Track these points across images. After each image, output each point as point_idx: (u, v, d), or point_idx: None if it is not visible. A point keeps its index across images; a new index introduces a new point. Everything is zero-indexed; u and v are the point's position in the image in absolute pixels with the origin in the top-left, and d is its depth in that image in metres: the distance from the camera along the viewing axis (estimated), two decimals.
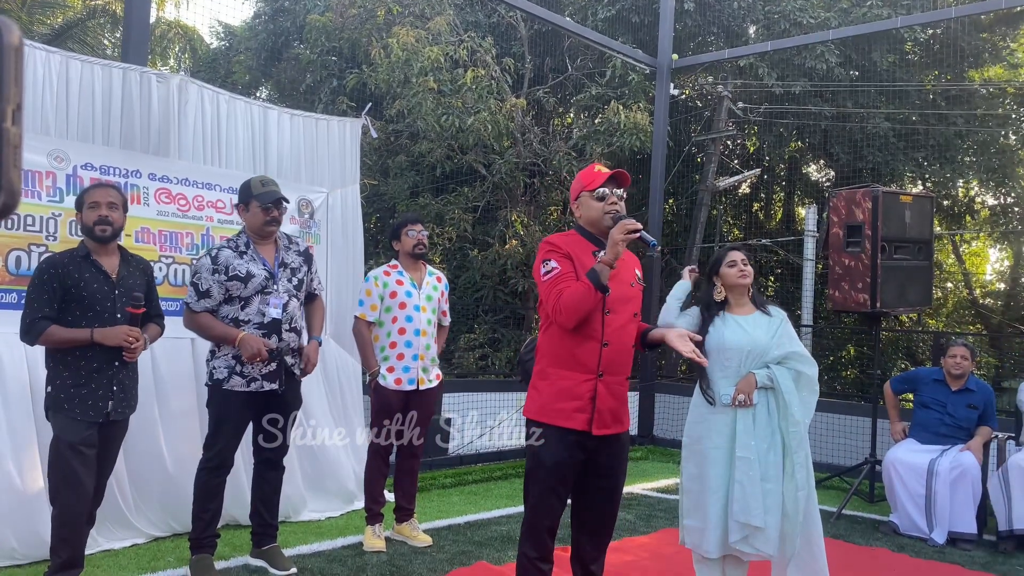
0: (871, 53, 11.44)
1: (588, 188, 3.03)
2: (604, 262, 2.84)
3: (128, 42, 4.96)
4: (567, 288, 2.87)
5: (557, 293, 2.89)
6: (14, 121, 0.53)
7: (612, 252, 2.84)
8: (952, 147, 12.42)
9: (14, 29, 0.53)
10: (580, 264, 2.95)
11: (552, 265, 2.95)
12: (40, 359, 4.06)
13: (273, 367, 3.86)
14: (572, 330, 2.91)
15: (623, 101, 10.69)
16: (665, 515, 5.57)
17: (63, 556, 3.28)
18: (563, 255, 2.96)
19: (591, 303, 2.85)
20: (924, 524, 5.20)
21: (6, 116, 0.52)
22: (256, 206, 3.89)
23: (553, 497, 2.98)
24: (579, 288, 2.84)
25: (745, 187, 14.76)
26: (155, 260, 4.57)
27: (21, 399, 4.02)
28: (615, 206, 3.00)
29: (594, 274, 2.83)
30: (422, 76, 9.74)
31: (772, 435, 3.38)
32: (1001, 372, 12.77)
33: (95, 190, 3.46)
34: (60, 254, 3.41)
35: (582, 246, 3.02)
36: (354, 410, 5.62)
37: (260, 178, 4.00)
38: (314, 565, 4.10)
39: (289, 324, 3.93)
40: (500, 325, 11.81)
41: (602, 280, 2.83)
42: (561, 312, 2.87)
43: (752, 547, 3.34)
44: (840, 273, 6.02)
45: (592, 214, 3.02)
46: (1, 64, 0.52)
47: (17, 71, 0.53)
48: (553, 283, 2.92)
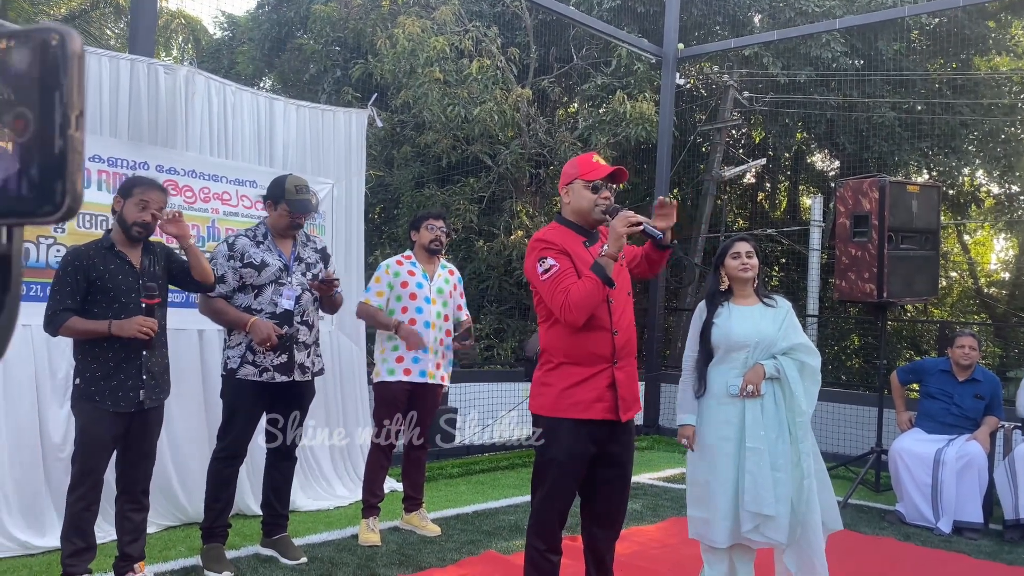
0: (876, 42, 11.41)
1: (584, 177, 2.99)
2: (608, 255, 2.83)
3: (135, 33, 4.96)
4: (573, 286, 2.84)
5: (563, 292, 2.85)
6: (78, 127, 0.54)
7: (616, 245, 2.83)
8: (957, 136, 12.39)
9: (77, 37, 0.54)
10: (576, 258, 2.92)
11: (550, 263, 2.90)
12: (47, 350, 4.14)
13: (284, 359, 3.88)
14: (583, 324, 2.90)
15: (628, 91, 10.67)
16: (672, 504, 5.59)
17: (77, 544, 3.31)
18: (559, 251, 2.92)
19: (599, 298, 2.84)
20: (930, 513, 5.22)
21: (71, 123, 0.54)
22: (285, 209, 3.92)
23: (565, 490, 2.98)
24: (586, 285, 2.81)
25: (750, 177, 14.76)
26: None
27: (27, 390, 4.08)
28: (607, 200, 2.98)
29: (599, 268, 2.81)
30: (427, 66, 9.73)
31: (780, 425, 3.40)
32: (1006, 361, 12.77)
33: (151, 190, 3.41)
34: (85, 246, 3.41)
35: (571, 238, 2.99)
36: (359, 399, 5.65)
37: (296, 182, 3.97)
38: (324, 554, 4.13)
39: (301, 317, 3.95)
40: (506, 316, 11.83)
41: (608, 273, 2.82)
42: (571, 310, 2.83)
43: (763, 536, 3.36)
44: (847, 263, 6.02)
45: (583, 204, 2.99)
46: (66, 72, 0.53)
47: (80, 78, 0.54)
48: (556, 282, 2.88)
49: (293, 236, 4.04)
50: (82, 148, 0.55)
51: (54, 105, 0.54)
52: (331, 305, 4.13)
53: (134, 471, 3.46)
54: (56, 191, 0.55)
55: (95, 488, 3.35)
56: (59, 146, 0.54)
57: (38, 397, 4.11)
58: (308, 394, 4.11)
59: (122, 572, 3.48)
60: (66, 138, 0.54)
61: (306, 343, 3.99)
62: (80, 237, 4.18)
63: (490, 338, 11.25)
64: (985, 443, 5.25)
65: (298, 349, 3.95)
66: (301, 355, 3.96)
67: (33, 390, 4.09)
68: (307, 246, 4.10)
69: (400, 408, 4.48)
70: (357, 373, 5.68)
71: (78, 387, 3.35)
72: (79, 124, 0.55)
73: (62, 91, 0.54)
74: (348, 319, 5.58)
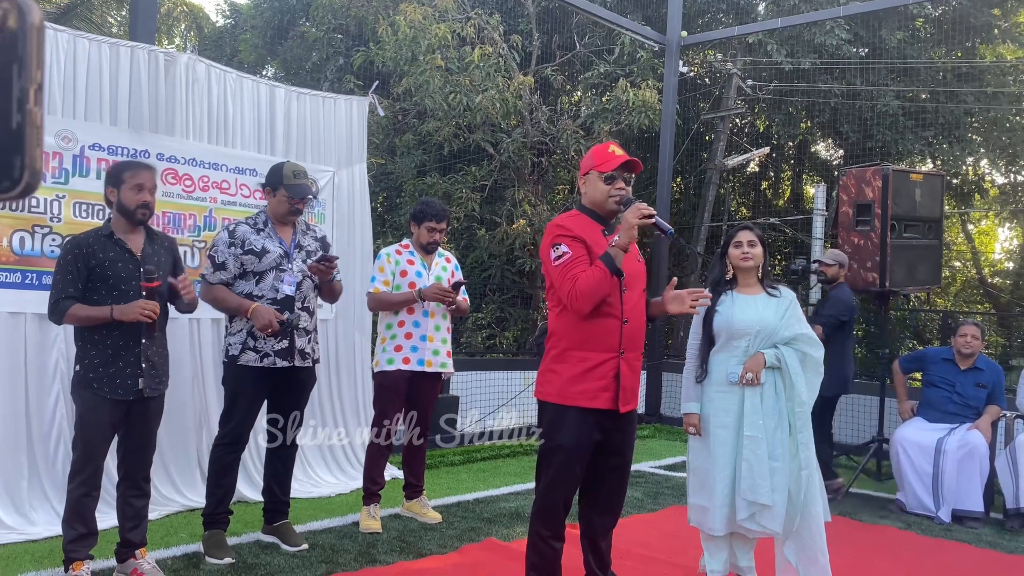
0: (880, 30, 11.33)
1: (599, 168, 3.01)
2: (619, 246, 2.84)
3: (136, 20, 4.94)
4: (582, 274, 2.85)
5: (572, 279, 2.87)
6: (36, 102, 0.53)
7: (627, 236, 2.84)
8: (961, 125, 12.32)
9: (35, 9, 0.53)
10: (595, 245, 2.93)
11: (563, 250, 2.92)
12: (38, 339, 4.16)
13: (286, 344, 3.88)
14: (590, 312, 2.90)
15: (631, 79, 10.62)
16: (672, 492, 5.59)
17: (78, 529, 3.32)
18: (574, 238, 2.93)
19: (607, 288, 2.86)
20: (931, 502, 5.21)
21: (29, 97, 0.52)
22: (284, 195, 3.92)
23: (570, 477, 2.99)
24: (595, 274, 2.83)
25: (753, 165, 14.70)
26: None
27: (18, 378, 4.10)
28: (622, 191, 2.99)
29: (608, 258, 2.83)
30: (429, 54, 9.68)
31: (779, 415, 3.40)
32: (1009, 351, 12.74)
33: (140, 171, 3.42)
34: (85, 234, 3.42)
35: (590, 227, 3.00)
36: (361, 388, 5.65)
37: (293, 168, 3.98)
38: (325, 541, 4.14)
39: (302, 303, 3.95)
40: (507, 305, 11.82)
41: (617, 264, 2.83)
42: (577, 298, 2.85)
43: (759, 525, 3.36)
44: (849, 252, 6.00)
45: (597, 196, 3.02)
46: (24, 45, 0.52)
47: (39, 52, 0.53)
48: (566, 268, 2.90)
49: (293, 224, 4.03)
50: (41, 123, 0.53)
51: (11, 79, 0.52)
52: (330, 292, 4.13)
53: (134, 458, 3.47)
54: (14, 167, 0.53)
55: (95, 475, 3.36)
56: (16, 121, 0.52)
57: (27, 384, 4.14)
58: (309, 381, 4.11)
59: (123, 558, 3.49)
60: (24, 112, 0.52)
61: (307, 329, 4.00)
62: (77, 226, 4.18)
63: (492, 327, 11.25)
64: (986, 432, 5.24)
65: (299, 335, 3.95)
66: (302, 341, 3.96)
67: (22, 376, 4.12)
68: (307, 234, 4.11)
69: (400, 397, 4.48)
70: (361, 361, 5.67)
71: (78, 374, 3.36)
72: (38, 99, 0.53)
73: (20, 64, 0.52)
74: (351, 309, 5.58)
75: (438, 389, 4.75)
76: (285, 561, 3.82)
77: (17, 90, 0.52)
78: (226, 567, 3.72)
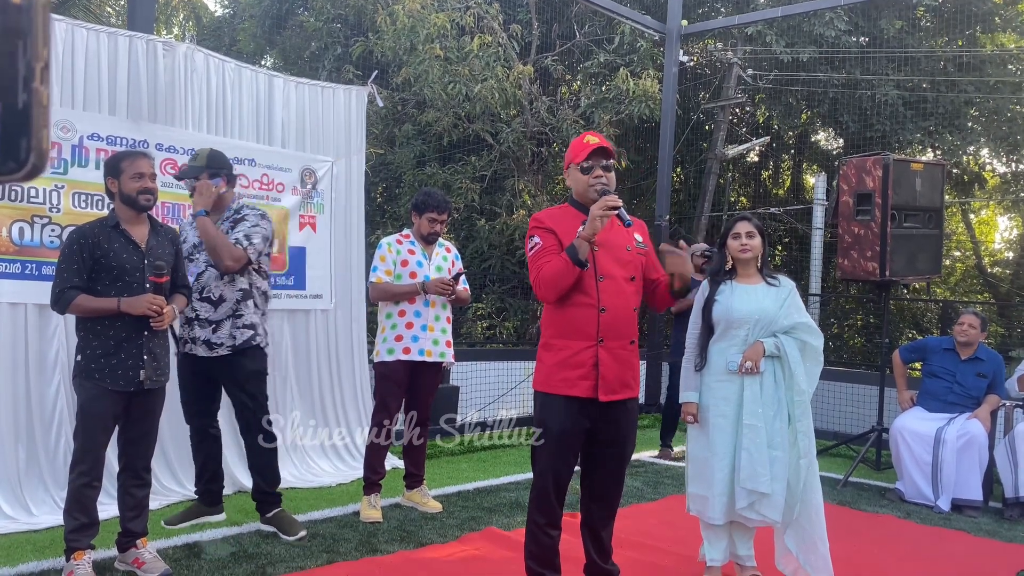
0: (879, 20, 11.29)
1: (575, 161, 3.05)
2: (583, 237, 2.88)
3: (134, 10, 4.92)
4: (546, 264, 2.93)
5: (537, 268, 2.96)
6: (43, 80, 0.52)
7: (590, 227, 2.87)
8: (961, 115, 12.29)
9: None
10: (566, 236, 2.97)
11: (535, 241, 3.01)
12: (38, 329, 4.16)
13: (198, 334, 3.98)
14: (565, 300, 2.95)
15: (631, 68, 10.58)
16: (672, 482, 5.60)
17: (80, 519, 3.33)
18: (545, 230, 3.01)
19: (569, 278, 2.89)
20: (930, 492, 5.22)
21: (35, 75, 0.52)
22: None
23: (560, 464, 3.01)
24: (557, 264, 2.89)
25: (753, 155, 14.68)
26: None
27: (17, 367, 4.10)
28: (600, 179, 3.00)
29: (572, 249, 2.88)
30: (428, 43, 9.64)
31: (778, 403, 3.41)
32: (1009, 341, 12.74)
33: (138, 160, 3.42)
34: (90, 224, 3.41)
35: (570, 219, 3.04)
36: (359, 380, 5.65)
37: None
38: (325, 530, 4.15)
39: (200, 294, 3.95)
40: (507, 295, 11.81)
41: (580, 256, 2.87)
42: (540, 286, 2.95)
43: (758, 513, 3.37)
44: (850, 241, 6.00)
45: (580, 187, 3.06)
46: (30, 20, 0.51)
47: (45, 28, 0.52)
48: (534, 258, 3.00)
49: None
50: (48, 103, 0.53)
51: (17, 56, 0.51)
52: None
53: (135, 448, 3.47)
54: (20, 148, 0.52)
55: (96, 464, 3.36)
56: (23, 100, 0.51)
57: (28, 375, 4.14)
58: (240, 368, 4.00)
59: (125, 548, 3.50)
60: (30, 91, 0.51)
61: (209, 320, 3.95)
62: (76, 216, 4.17)
63: (492, 317, 11.24)
64: (986, 421, 5.25)
65: (200, 326, 3.94)
66: (205, 331, 3.94)
67: (22, 366, 4.12)
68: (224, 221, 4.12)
69: (401, 387, 4.49)
70: (357, 352, 5.67)
71: (79, 364, 3.36)
72: (44, 77, 0.52)
73: (26, 42, 0.51)
74: (348, 300, 5.57)
75: (438, 379, 4.76)
76: (286, 550, 3.83)
77: (23, 68, 0.51)
78: (227, 556, 3.72)
